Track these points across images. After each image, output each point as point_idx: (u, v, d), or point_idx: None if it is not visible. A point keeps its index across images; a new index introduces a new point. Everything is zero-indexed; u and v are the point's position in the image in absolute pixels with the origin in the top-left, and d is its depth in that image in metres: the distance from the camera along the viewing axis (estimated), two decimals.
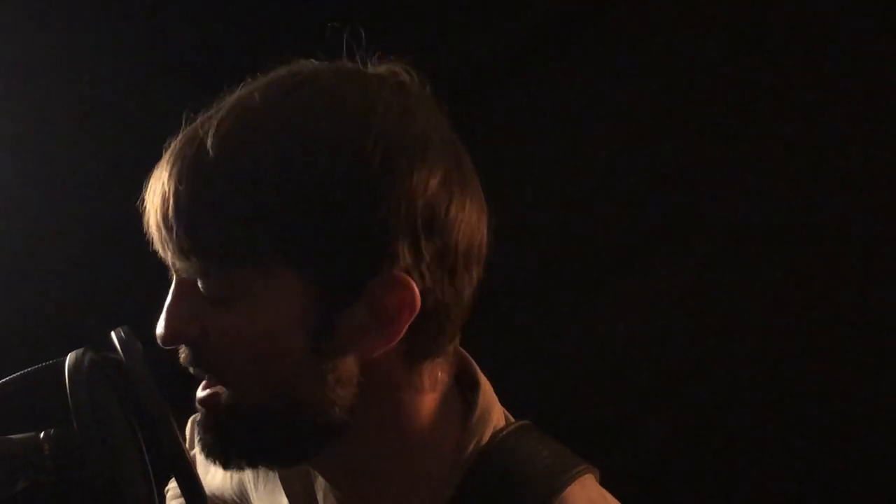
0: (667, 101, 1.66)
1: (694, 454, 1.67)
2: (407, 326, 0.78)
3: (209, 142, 0.76)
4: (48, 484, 0.79)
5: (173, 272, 0.82)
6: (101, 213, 1.69)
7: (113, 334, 0.82)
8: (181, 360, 0.83)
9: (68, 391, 0.76)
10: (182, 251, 0.78)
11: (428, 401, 0.84)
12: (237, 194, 0.75)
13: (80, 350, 0.80)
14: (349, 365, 0.79)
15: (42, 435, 0.79)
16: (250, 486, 1.04)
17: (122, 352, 0.80)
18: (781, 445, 1.64)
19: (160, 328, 0.81)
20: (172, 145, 0.80)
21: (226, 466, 0.85)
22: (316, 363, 0.78)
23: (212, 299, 0.78)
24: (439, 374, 0.84)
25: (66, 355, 0.79)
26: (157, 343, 0.83)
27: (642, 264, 1.68)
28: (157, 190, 0.79)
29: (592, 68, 1.67)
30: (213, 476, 1.12)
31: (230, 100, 0.80)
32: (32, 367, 0.82)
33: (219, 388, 0.81)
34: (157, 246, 0.80)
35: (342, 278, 0.77)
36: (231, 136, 0.76)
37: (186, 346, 0.81)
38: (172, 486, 1.21)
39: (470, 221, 0.80)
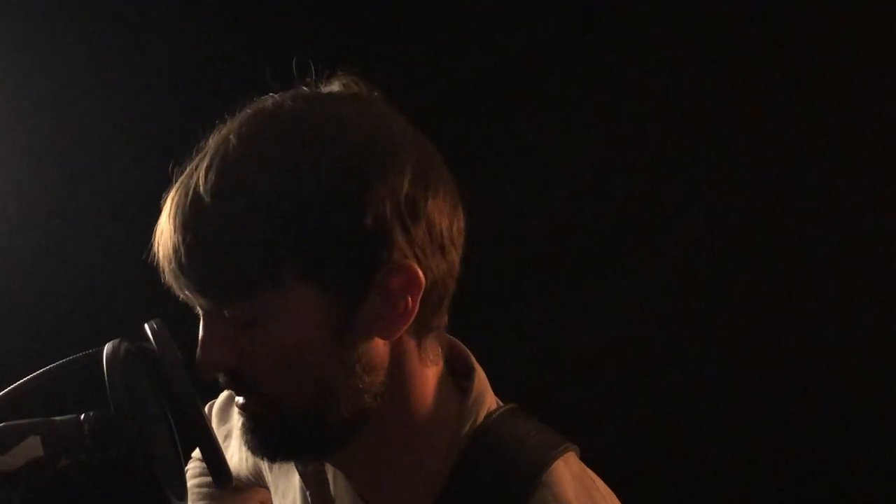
0: (648, 109, 1.72)
1: (666, 438, 1.73)
2: (419, 302, 0.85)
3: (202, 190, 0.81)
4: (88, 461, 0.85)
5: (198, 308, 0.87)
6: (128, 215, 1.74)
7: (146, 326, 0.88)
8: (221, 383, 0.88)
9: (106, 377, 0.82)
10: (202, 292, 0.84)
11: (430, 375, 0.91)
12: (240, 232, 0.81)
13: (117, 340, 0.86)
14: (376, 351, 0.86)
15: (82, 417, 0.85)
16: (265, 467, 1.11)
17: (155, 342, 0.86)
18: (752, 431, 1.71)
19: (199, 360, 0.86)
20: (170, 197, 0.85)
21: (273, 461, 0.92)
22: (344, 358, 0.85)
23: (240, 325, 0.84)
24: (438, 347, 0.92)
25: (104, 345, 0.85)
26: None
27: (622, 263, 1.74)
28: (167, 242, 0.84)
29: (577, 83, 1.73)
30: (230, 458, 1.17)
31: (209, 147, 0.85)
32: (73, 356, 0.88)
33: (258, 399, 0.87)
34: (177, 290, 0.86)
35: (351, 277, 0.83)
36: (221, 181, 0.81)
37: (224, 372, 0.87)
38: (191, 467, 1.28)
39: (446, 203, 0.87)
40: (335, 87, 0.89)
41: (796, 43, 1.66)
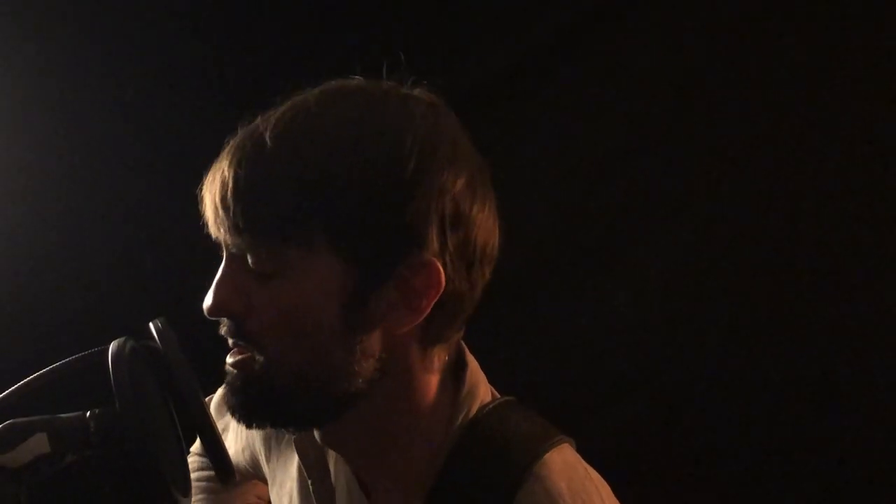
0: (647, 109, 1.73)
1: (663, 435, 1.75)
2: (431, 306, 0.86)
3: (267, 134, 0.85)
4: (93, 458, 0.85)
5: (224, 250, 0.89)
6: (133, 214, 1.76)
7: (151, 325, 0.89)
8: (221, 331, 0.90)
9: (111, 375, 0.84)
10: (237, 229, 0.85)
11: (433, 381, 0.93)
12: (290, 179, 0.84)
13: (122, 338, 0.87)
14: (375, 339, 0.88)
15: (88, 414, 0.86)
16: (262, 459, 1.13)
17: (159, 340, 0.88)
18: (751, 429, 1.72)
19: (209, 300, 0.88)
20: (232, 140, 0.88)
21: (248, 425, 0.92)
22: (347, 335, 0.87)
23: (259, 274, 0.86)
24: (445, 357, 0.94)
25: (109, 344, 0.87)
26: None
27: (620, 262, 1.76)
28: (217, 177, 0.87)
29: (576, 83, 1.74)
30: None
31: (287, 103, 0.88)
32: (78, 354, 0.89)
33: (253, 355, 0.88)
34: (212, 226, 0.88)
35: (377, 259, 0.85)
36: (287, 131, 0.85)
37: (230, 317, 0.88)
38: (190, 460, 1.28)
39: (487, 222, 0.90)
40: (415, 91, 0.92)
41: (797, 43, 1.67)
